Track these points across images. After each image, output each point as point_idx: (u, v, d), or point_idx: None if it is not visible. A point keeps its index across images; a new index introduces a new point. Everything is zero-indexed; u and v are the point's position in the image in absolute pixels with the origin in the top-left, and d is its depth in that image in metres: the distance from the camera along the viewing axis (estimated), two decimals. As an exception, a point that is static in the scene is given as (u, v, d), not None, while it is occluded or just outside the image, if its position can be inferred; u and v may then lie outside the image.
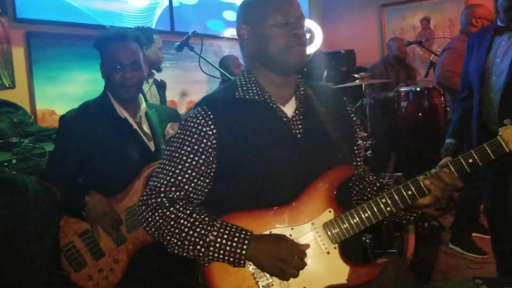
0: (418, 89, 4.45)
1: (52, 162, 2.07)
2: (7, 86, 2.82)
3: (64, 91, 3.03)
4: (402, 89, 4.58)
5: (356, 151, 1.55)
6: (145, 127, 2.07)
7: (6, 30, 2.80)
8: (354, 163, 1.54)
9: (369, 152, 3.40)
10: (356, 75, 3.88)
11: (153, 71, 3.19)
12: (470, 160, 1.32)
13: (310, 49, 5.08)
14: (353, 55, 5.56)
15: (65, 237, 1.90)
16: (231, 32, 4.82)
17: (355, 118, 1.56)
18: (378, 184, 1.50)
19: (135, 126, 2.03)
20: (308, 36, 5.09)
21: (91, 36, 2.15)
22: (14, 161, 2.21)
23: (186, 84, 4.21)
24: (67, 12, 3.14)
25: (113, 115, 2.01)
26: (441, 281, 2.91)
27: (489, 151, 1.31)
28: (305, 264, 1.27)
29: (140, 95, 2.12)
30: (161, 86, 3.22)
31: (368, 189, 1.50)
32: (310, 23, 5.16)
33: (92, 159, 1.94)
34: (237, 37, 1.46)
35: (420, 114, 4.40)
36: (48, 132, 2.57)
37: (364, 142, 3.57)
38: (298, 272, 1.26)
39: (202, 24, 4.44)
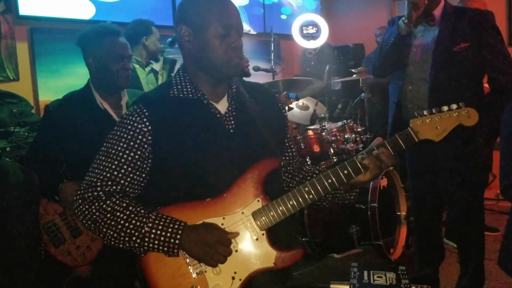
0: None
1: (32, 148, 2.23)
2: (12, 78, 3.02)
3: (66, 84, 3.20)
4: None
5: (287, 144, 1.64)
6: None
7: (10, 26, 2.99)
8: (286, 154, 1.64)
9: (361, 146, 3.42)
10: (353, 70, 3.89)
11: (152, 61, 3.33)
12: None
13: (316, 44, 5.13)
14: (362, 49, 5.53)
15: (47, 215, 2.06)
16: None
17: (286, 114, 1.66)
18: (316, 172, 1.59)
19: (114, 116, 2.15)
20: (314, 30, 5.13)
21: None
22: (8, 148, 2.39)
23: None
24: (67, 8, 3.31)
25: (93, 106, 2.14)
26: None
27: (400, 141, 1.39)
28: (231, 251, 1.35)
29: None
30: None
31: (308, 178, 1.58)
32: (315, 18, 5.19)
33: (71, 147, 2.08)
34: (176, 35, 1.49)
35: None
36: (45, 122, 2.74)
37: (361, 136, 3.59)
38: (225, 258, 1.34)
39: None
